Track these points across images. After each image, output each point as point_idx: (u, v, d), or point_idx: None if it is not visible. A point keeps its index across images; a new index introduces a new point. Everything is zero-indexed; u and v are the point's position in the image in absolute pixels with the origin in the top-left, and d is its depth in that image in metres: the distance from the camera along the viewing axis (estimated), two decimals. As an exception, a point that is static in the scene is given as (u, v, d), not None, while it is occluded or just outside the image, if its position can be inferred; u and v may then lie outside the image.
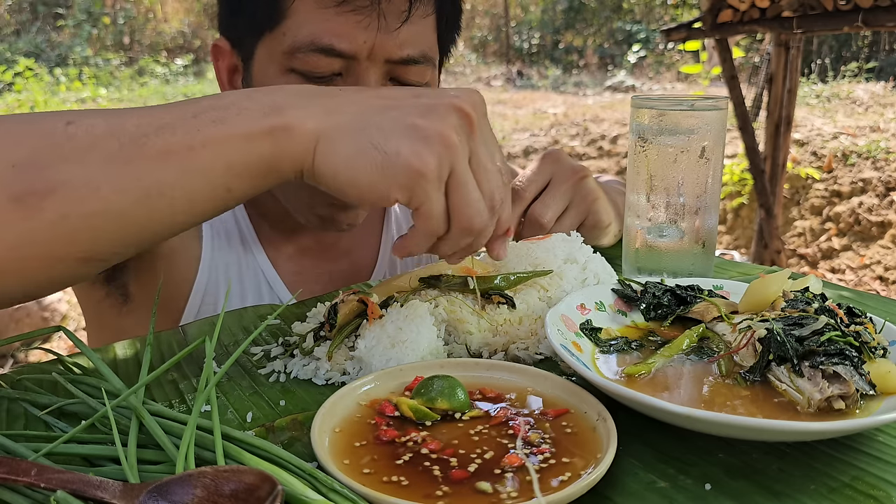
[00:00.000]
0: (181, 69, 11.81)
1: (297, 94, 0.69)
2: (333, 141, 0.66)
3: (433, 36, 1.01)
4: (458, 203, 0.67)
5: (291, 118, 0.66)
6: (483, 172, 0.68)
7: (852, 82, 8.43)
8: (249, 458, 0.53)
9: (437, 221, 0.67)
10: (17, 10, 12.46)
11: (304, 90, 0.70)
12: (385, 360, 0.72)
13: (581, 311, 0.79)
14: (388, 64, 0.96)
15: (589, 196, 1.05)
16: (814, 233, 5.67)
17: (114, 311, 1.13)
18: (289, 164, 0.67)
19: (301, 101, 0.68)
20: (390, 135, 0.65)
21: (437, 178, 0.65)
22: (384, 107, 0.68)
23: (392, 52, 0.95)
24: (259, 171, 0.67)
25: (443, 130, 0.65)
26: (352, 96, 0.70)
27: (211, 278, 1.12)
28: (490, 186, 0.69)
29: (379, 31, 0.93)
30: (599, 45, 12.97)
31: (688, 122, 0.93)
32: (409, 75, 0.99)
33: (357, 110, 0.67)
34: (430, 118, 0.66)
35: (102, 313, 1.14)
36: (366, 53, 0.94)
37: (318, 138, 0.66)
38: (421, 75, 1.00)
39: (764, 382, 0.66)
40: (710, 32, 4.10)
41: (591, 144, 7.23)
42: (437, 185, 0.65)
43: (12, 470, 0.50)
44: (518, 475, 0.53)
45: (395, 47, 0.95)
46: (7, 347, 3.79)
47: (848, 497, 0.55)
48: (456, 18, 1.09)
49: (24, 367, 0.79)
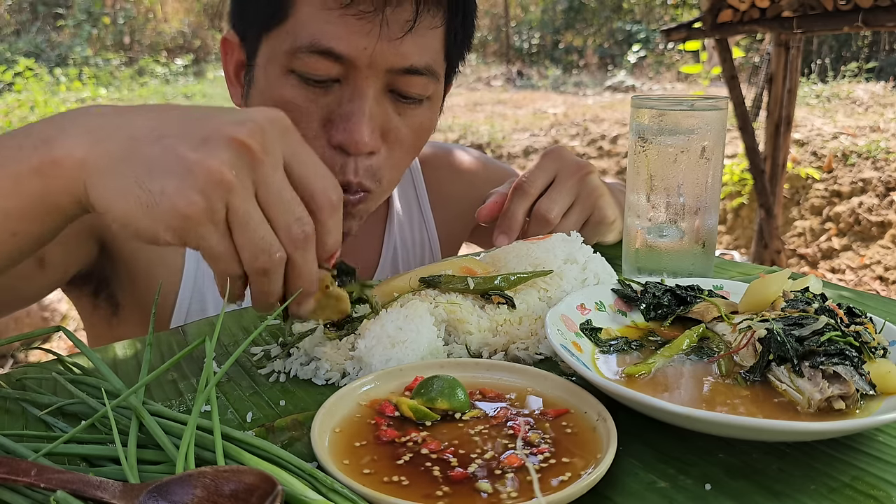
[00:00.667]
0: (181, 69, 11.81)
1: (75, 117, 0.63)
2: (102, 173, 0.60)
3: (440, 49, 0.99)
4: (240, 242, 0.60)
5: (59, 149, 0.60)
6: (277, 204, 0.61)
7: (852, 82, 8.43)
8: (249, 458, 0.53)
9: (224, 262, 0.61)
10: (17, 10, 12.46)
11: (87, 112, 0.64)
12: (385, 360, 0.72)
13: (581, 311, 0.79)
14: (388, 74, 0.94)
15: (594, 192, 1.05)
16: (814, 233, 5.67)
17: (105, 321, 1.13)
18: (66, 199, 0.61)
19: (75, 126, 0.62)
20: (156, 170, 0.59)
21: (209, 219, 0.58)
22: (155, 133, 0.61)
23: (393, 61, 0.93)
24: (38, 212, 0.62)
25: (213, 166, 0.58)
26: (126, 116, 0.63)
27: (196, 286, 1.10)
28: (287, 218, 0.61)
29: (381, 38, 0.91)
30: (599, 45, 12.97)
31: (688, 122, 0.93)
32: (411, 87, 0.97)
33: (126, 134, 0.61)
34: (201, 150, 0.59)
35: (95, 323, 1.15)
36: (366, 60, 0.92)
37: (86, 168, 0.60)
38: (423, 88, 0.98)
39: (764, 382, 0.66)
40: (710, 32, 4.10)
41: (591, 144, 7.23)
42: (211, 226, 0.59)
43: (12, 470, 0.50)
44: (518, 475, 0.53)
45: (397, 56, 0.93)
46: (7, 347, 3.79)
47: (848, 497, 0.55)
48: (467, 33, 1.06)
49: (24, 367, 0.79)
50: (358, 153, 0.95)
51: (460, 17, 1.00)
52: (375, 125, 0.95)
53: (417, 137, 1.03)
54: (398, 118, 0.99)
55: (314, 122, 0.96)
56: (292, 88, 0.95)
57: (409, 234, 1.31)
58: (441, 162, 1.39)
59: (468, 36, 1.07)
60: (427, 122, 1.03)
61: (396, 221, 1.30)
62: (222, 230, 0.60)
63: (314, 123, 0.96)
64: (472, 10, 1.04)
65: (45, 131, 0.62)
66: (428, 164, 1.37)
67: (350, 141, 0.93)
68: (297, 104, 0.95)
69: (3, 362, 3.80)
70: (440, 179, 1.36)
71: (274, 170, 0.61)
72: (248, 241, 0.60)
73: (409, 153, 1.04)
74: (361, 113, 0.93)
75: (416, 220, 1.32)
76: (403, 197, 1.33)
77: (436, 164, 1.38)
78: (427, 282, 0.85)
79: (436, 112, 1.06)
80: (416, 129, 1.02)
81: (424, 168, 1.36)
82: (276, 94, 0.96)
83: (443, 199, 1.36)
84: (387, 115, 0.97)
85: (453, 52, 1.03)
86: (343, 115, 0.94)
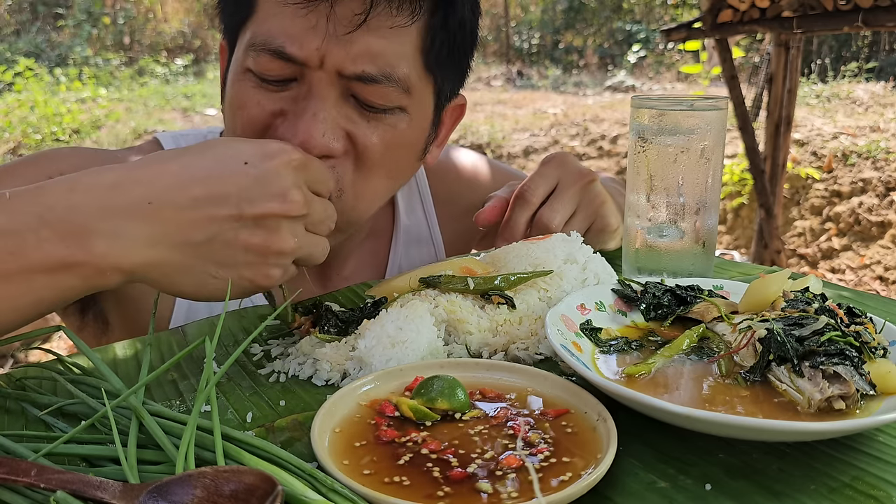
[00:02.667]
0: (181, 69, 11.80)
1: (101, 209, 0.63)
2: (166, 276, 0.67)
3: (411, 54, 0.88)
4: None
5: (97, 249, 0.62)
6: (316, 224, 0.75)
7: (852, 82, 8.43)
8: (249, 458, 0.53)
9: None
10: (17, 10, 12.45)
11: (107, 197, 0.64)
12: (385, 360, 0.72)
13: (581, 311, 0.79)
14: (342, 79, 0.86)
15: (596, 200, 1.04)
16: (814, 233, 5.67)
17: (94, 338, 1.12)
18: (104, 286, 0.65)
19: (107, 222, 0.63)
20: (229, 265, 0.68)
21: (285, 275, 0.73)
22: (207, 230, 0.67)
23: (343, 64, 0.85)
24: (74, 296, 0.65)
25: (279, 245, 0.70)
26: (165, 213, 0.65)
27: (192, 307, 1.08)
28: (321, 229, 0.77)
29: (328, 35, 0.83)
30: (599, 45, 12.97)
31: (688, 122, 0.93)
32: (369, 95, 0.87)
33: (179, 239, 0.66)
34: (260, 234, 0.69)
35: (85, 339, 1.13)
36: (316, 61, 0.85)
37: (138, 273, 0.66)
38: (384, 98, 0.88)
39: (764, 382, 0.66)
40: (710, 32, 4.10)
41: (591, 144, 7.23)
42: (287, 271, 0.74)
43: (12, 470, 0.50)
44: (518, 475, 0.53)
45: (347, 59, 0.84)
46: (7, 347, 3.79)
47: (848, 497, 0.55)
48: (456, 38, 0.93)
49: (24, 367, 0.79)
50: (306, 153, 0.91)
51: (440, 16, 0.89)
52: (330, 128, 0.86)
53: (390, 150, 0.92)
54: (366, 124, 0.90)
55: (264, 115, 0.90)
56: (247, 84, 0.90)
57: (417, 250, 1.26)
58: (447, 170, 1.31)
59: (456, 41, 0.93)
60: (403, 135, 0.92)
61: (403, 238, 1.25)
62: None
63: (264, 116, 0.90)
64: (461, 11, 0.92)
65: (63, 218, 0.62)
66: (434, 173, 1.29)
67: (294, 138, 0.85)
68: (250, 99, 0.90)
69: (3, 362, 3.80)
70: (447, 188, 1.30)
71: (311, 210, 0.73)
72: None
73: (381, 167, 0.93)
74: (313, 112, 0.86)
75: (423, 235, 1.27)
76: (410, 211, 1.26)
77: (442, 172, 1.30)
78: (427, 282, 0.85)
79: (419, 128, 0.96)
80: (388, 140, 0.91)
81: (430, 178, 1.29)
82: (233, 92, 0.92)
83: (450, 209, 1.30)
84: (349, 119, 0.89)
85: (435, 61, 0.91)
86: (295, 113, 0.88)
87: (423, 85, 0.92)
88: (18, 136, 7.29)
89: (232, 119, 0.94)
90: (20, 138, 7.25)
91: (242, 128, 0.92)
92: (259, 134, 0.91)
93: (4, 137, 7.27)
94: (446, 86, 0.97)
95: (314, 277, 1.15)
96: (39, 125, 7.53)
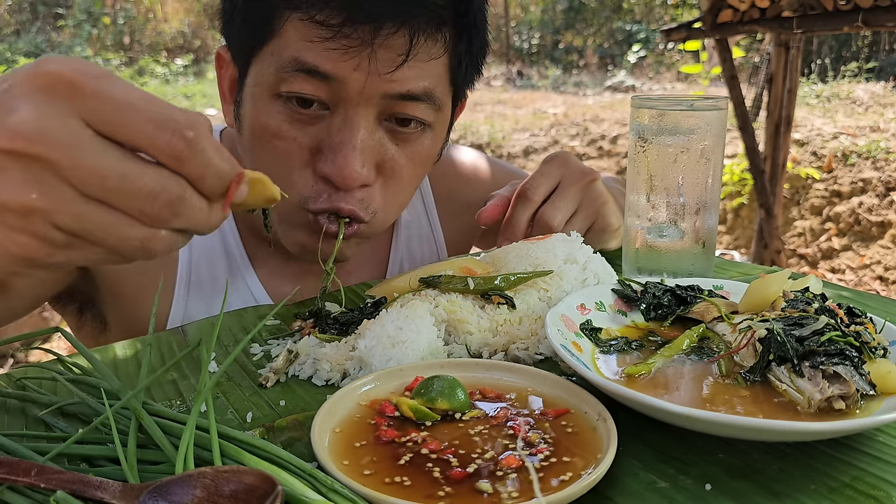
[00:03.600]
0: (181, 69, 11.81)
1: None
2: None
3: (443, 75, 0.92)
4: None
5: None
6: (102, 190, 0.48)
7: (852, 82, 8.43)
8: (249, 458, 0.53)
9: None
10: (17, 10, 12.45)
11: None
12: (385, 360, 0.72)
13: (581, 311, 0.79)
14: (383, 100, 0.88)
15: (598, 199, 1.04)
16: (814, 233, 5.67)
17: (92, 337, 1.12)
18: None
19: None
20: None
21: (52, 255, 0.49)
22: None
23: (387, 88, 0.87)
24: None
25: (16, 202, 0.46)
26: None
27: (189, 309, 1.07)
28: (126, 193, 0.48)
29: (370, 72, 0.85)
30: (599, 45, 12.97)
31: (688, 122, 0.93)
32: (408, 111, 0.91)
33: None
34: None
35: (82, 338, 1.13)
36: (356, 85, 0.86)
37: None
38: (423, 114, 0.92)
39: (764, 382, 0.66)
40: (710, 32, 4.10)
41: (591, 144, 7.23)
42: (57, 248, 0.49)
43: (12, 470, 0.50)
44: (518, 475, 0.53)
45: (391, 84, 0.87)
46: (7, 347, 3.79)
47: (848, 497, 0.55)
48: (475, 59, 0.99)
49: (24, 367, 0.79)
50: (347, 188, 0.90)
51: (465, 43, 0.93)
52: (367, 157, 0.89)
53: (417, 167, 0.97)
54: (395, 148, 0.93)
55: (302, 151, 0.90)
56: (279, 115, 0.89)
57: (418, 247, 1.27)
58: (449, 168, 1.32)
59: (477, 62, 1.00)
60: (428, 151, 0.97)
61: (404, 234, 1.25)
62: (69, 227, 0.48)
63: (302, 152, 0.90)
64: (481, 34, 0.97)
65: None
66: (435, 171, 1.28)
67: (338, 175, 0.88)
68: (283, 131, 0.90)
69: (3, 362, 3.80)
70: (448, 186, 1.31)
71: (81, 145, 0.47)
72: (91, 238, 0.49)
73: (410, 184, 0.99)
74: (352, 145, 0.87)
75: (424, 232, 1.28)
76: (411, 207, 1.27)
77: (443, 170, 1.30)
78: (427, 282, 0.85)
79: (438, 141, 1.00)
80: (415, 159, 0.95)
81: (432, 176, 1.30)
82: (262, 121, 0.90)
83: (451, 207, 1.30)
84: (381, 146, 0.91)
85: (459, 79, 0.97)
86: (332, 147, 0.89)
87: (447, 98, 0.97)
88: (18, 136, 7.29)
89: (260, 150, 0.92)
90: (20, 138, 7.25)
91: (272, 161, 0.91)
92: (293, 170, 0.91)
93: (4, 137, 7.27)
94: (461, 93, 1.02)
95: (317, 272, 1.15)
96: (39, 125, 7.52)
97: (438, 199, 1.30)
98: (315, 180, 0.91)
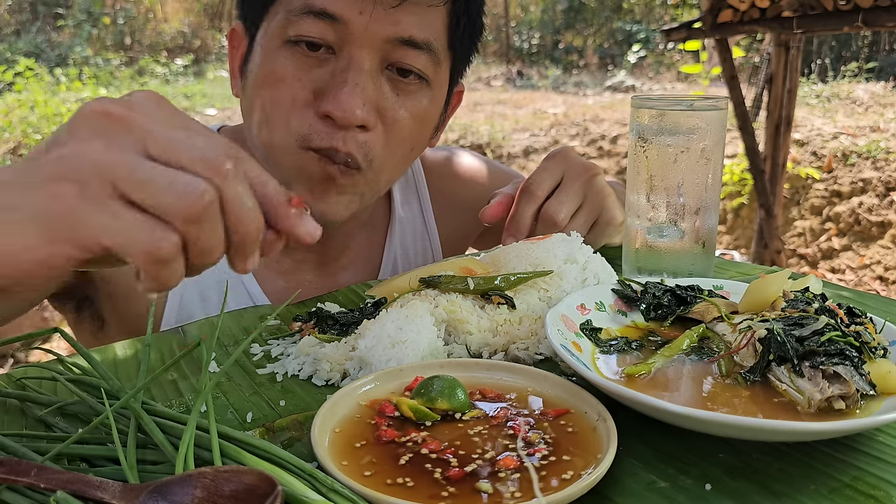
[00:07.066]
0: (181, 69, 11.81)
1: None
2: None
3: (442, 30, 0.97)
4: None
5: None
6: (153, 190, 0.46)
7: (852, 82, 8.43)
8: (249, 458, 0.53)
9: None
10: (17, 10, 12.46)
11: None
12: (385, 360, 0.72)
13: (581, 311, 0.79)
14: (386, 44, 0.92)
15: (601, 193, 1.05)
16: (814, 233, 5.67)
17: (91, 335, 1.12)
18: None
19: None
20: None
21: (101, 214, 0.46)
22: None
23: (391, 30, 0.91)
24: None
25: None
26: None
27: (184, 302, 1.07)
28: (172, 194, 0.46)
29: (376, 5, 0.90)
30: (599, 45, 12.97)
31: (688, 122, 0.93)
32: (410, 60, 0.94)
33: None
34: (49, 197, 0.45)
35: (81, 336, 1.14)
36: (361, 26, 0.90)
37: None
38: (423, 65, 0.95)
39: (764, 382, 0.66)
40: (710, 32, 4.10)
41: (591, 144, 7.23)
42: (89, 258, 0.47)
43: (12, 470, 0.50)
44: (519, 475, 0.53)
45: (395, 25, 0.91)
46: (7, 347, 3.79)
47: (848, 497, 0.55)
48: (473, 26, 1.03)
49: (24, 367, 0.79)
50: (347, 124, 0.92)
51: (463, 2, 0.98)
52: (368, 99, 0.92)
53: (416, 125, 0.99)
54: (395, 98, 0.96)
55: (305, 92, 0.93)
56: (285, 60, 0.93)
57: (412, 243, 1.27)
58: (445, 167, 1.34)
59: (474, 29, 1.04)
60: (426, 111, 1.00)
61: (398, 230, 1.26)
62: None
63: (304, 93, 0.93)
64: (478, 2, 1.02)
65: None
66: (431, 169, 1.33)
67: (339, 110, 0.90)
68: (288, 74, 0.93)
69: (3, 362, 3.80)
70: (444, 185, 1.32)
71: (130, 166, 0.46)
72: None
73: (406, 141, 1.00)
74: (354, 83, 0.91)
75: (418, 229, 1.29)
76: (406, 204, 1.29)
77: (439, 169, 1.33)
78: (427, 282, 0.85)
79: (436, 107, 1.03)
80: (415, 115, 0.98)
81: (428, 174, 1.32)
82: (268, 67, 0.94)
83: (447, 205, 1.31)
84: (382, 92, 0.95)
85: (457, 41, 1.01)
86: (335, 85, 0.92)
87: (445, 61, 1.00)
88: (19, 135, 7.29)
89: (263, 95, 0.96)
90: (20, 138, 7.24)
91: (274, 103, 0.94)
92: (295, 109, 0.94)
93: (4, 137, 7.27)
94: (458, 65, 1.05)
95: (311, 266, 1.16)
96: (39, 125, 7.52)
97: (434, 197, 1.31)
98: (315, 119, 0.94)
